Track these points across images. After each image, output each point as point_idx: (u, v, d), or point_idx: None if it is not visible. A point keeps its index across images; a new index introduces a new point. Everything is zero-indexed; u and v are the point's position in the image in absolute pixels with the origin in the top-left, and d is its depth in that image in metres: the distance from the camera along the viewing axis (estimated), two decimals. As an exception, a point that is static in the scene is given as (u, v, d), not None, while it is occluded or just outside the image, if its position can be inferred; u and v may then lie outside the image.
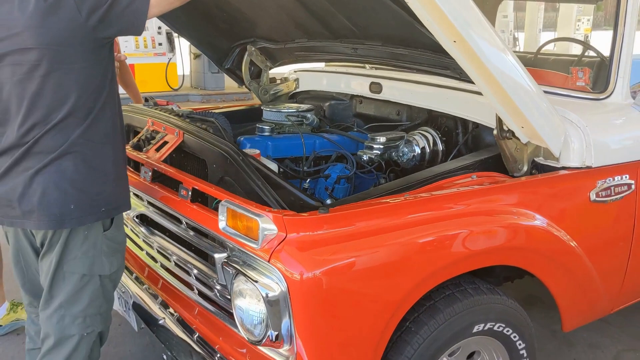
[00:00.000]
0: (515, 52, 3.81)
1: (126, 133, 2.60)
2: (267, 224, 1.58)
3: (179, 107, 2.71)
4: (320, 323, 1.64)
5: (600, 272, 2.27)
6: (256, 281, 1.62)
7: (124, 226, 2.02)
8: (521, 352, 2.07)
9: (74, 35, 1.67)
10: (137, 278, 2.35)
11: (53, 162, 1.73)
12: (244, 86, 3.38)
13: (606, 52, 2.39)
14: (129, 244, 2.49)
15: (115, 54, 2.15)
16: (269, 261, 1.58)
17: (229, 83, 11.13)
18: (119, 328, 3.10)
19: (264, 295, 1.60)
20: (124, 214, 1.97)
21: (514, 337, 2.03)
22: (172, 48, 10.92)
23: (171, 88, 11.02)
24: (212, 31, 3.18)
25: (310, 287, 1.58)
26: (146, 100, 2.93)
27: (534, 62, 2.98)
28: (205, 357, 1.84)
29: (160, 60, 10.84)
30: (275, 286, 1.59)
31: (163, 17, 2.96)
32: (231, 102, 10.35)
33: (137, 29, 1.74)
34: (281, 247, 1.58)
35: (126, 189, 1.92)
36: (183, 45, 10.14)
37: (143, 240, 2.36)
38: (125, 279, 2.32)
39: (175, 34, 9.60)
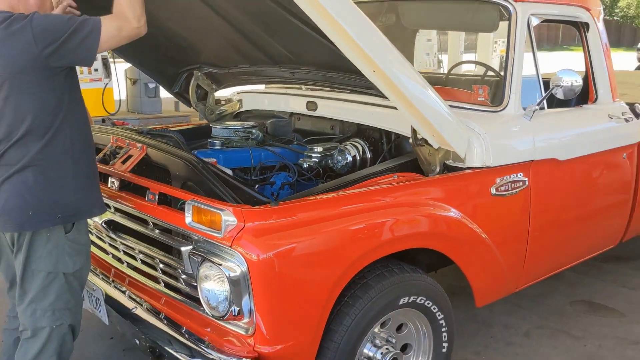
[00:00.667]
0: (430, 73, 4.31)
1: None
2: (228, 217, 1.93)
3: (134, 127, 3.02)
4: (274, 297, 1.99)
5: (504, 256, 2.73)
6: (220, 265, 1.96)
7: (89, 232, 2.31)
8: (440, 321, 2.49)
9: (29, 64, 1.93)
10: (105, 278, 2.62)
11: (16, 173, 2.01)
12: (180, 110, 3.70)
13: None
14: (96, 249, 2.77)
15: None
16: (231, 246, 1.93)
17: (166, 107, 11.35)
18: (81, 333, 3.33)
19: (228, 275, 1.94)
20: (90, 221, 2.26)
21: (434, 308, 2.44)
22: (108, 74, 11.03)
23: (108, 113, 11.09)
24: (161, 59, 3.49)
25: (265, 266, 1.93)
26: (103, 120, 3.22)
27: (445, 82, 3.47)
28: (175, 336, 2.15)
29: (96, 86, 10.91)
30: (236, 268, 1.93)
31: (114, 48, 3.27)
32: (169, 124, 10.56)
33: (88, 62, 2.03)
34: (241, 235, 1.93)
35: (89, 198, 2.15)
36: (119, 70, 10.32)
37: (109, 244, 2.64)
38: (95, 279, 2.59)
39: (111, 60, 9.76)
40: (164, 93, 11.34)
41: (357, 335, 2.21)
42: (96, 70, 10.92)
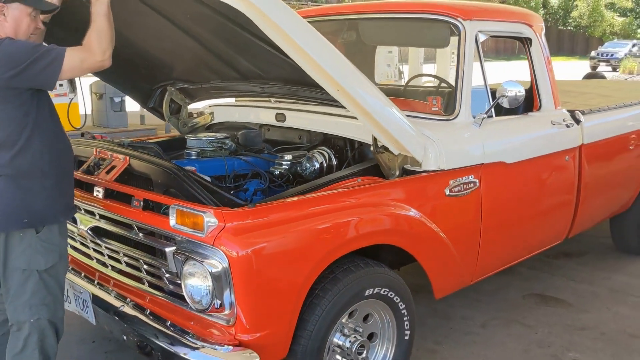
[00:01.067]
0: (390, 85, 4.60)
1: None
2: (210, 218, 2.15)
3: (116, 140, 3.20)
4: (252, 290, 2.21)
5: (459, 251, 3.00)
6: (203, 262, 2.17)
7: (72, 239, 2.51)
8: (402, 311, 2.74)
9: None
10: (90, 282, 2.79)
11: None
12: (145, 124, 3.91)
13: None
14: (79, 255, 2.94)
15: None
16: (213, 245, 2.14)
17: (132, 120, 11.43)
18: (64, 337, 3.47)
19: (210, 271, 2.15)
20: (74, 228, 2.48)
21: (396, 299, 2.69)
22: (73, 89, 11.06)
23: (73, 127, 11.11)
24: (136, 77, 3.68)
25: (244, 262, 2.15)
26: (82, 134, 3.40)
27: (404, 93, 3.74)
28: (161, 329, 2.34)
29: (61, 101, 10.89)
30: (218, 264, 2.15)
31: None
32: (136, 137, 10.65)
33: (49, 87, 2.25)
34: (222, 234, 2.15)
35: (55, 206, 2.33)
36: (84, 85, 10.39)
37: (93, 249, 2.82)
38: (81, 282, 2.76)
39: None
40: (129, 107, 11.45)
41: (327, 324, 2.45)
42: (61, 85, 10.92)
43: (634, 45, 35.10)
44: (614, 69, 31.03)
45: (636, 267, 4.65)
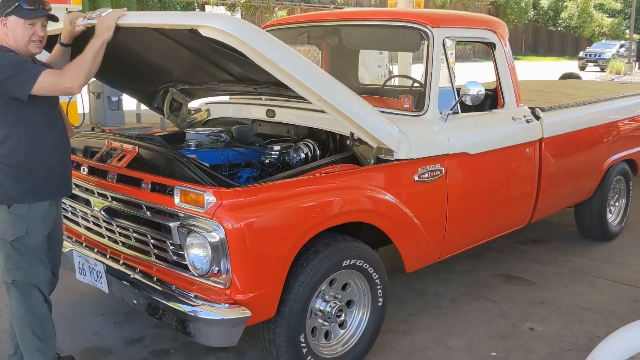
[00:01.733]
0: (372, 85, 5.00)
1: (85, 153, 3.47)
2: (209, 196, 2.55)
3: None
4: (245, 258, 2.61)
5: (427, 230, 3.41)
6: (203, 234, 2.57)
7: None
8: (376, 280, 3.15)
9: None
10: (103, 256, 3.19)
11: None
12: (141, 122, 4.30)
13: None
14: (92, 235, 3.33)
15: None
16: (212, 219, 2.54)
17: (129, 119, 11.79)
18: (75, 311, 3.88)
19: (209, 241, 2.55)
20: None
21: (370, 270, 3.10)
22: (71, 88, 11.44)
23: (72, 125, 11.48)
24: (140, 80, 4.07)
25: (238, 233, 2.56)
26: (92, 129, 3.79)
27: (382, 92, 4.16)
28: (168, 292, 2.74)
29: (61, 100, 11.18)
30: (216, 235, 2.55)
31: (99, 76, 3.86)
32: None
33: (22, 98, 2.60)
34: (219, 210, 2.55)
35: (23, 190, 2.70)
36: (82, 85, 10.67)
37: (105, 228, 3.21)
38: (95, 256, 3.16)
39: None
40: (126, 106, 11.82)
41: (309, 289, 2.85)
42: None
43: (621, 46, 35.68)
44: (602, 69, 31.58)
45: (596, 251, 5.09)
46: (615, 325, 3.26)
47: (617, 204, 5.41)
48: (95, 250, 3.27)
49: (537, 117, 4.16)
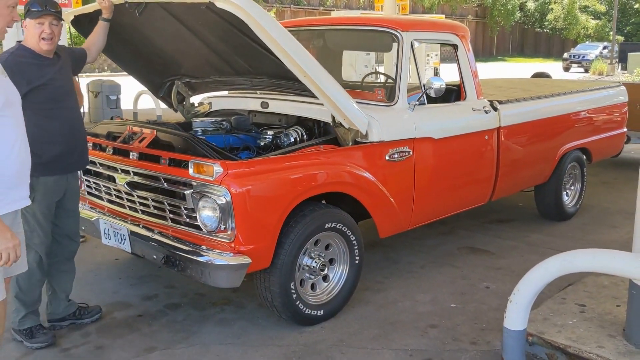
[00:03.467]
0: (353, 81, 5.65)
1: (108, 137, 4.09)
2: (217, 167, 3.18)
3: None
4: (246, 217, 3.24)
5: (397, 203, 4.06)
6: (212, 197, 3.21)
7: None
8: (353, 241, 3.79)
9: None
10: (125, 222, 3.81)
11: None
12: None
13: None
14: (115, 206, 3.96)
15: None
16: (220, 184, 3.17)
17: (126, 117, 12.40)
18: (95, 274, 4.50)
19: (218, 203, 3.19)
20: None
21: (348, 232, 3.74)
22: (72, 87, 12.03)
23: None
24: (151, 70, 4.72)
25: (241, 196, 3.19)
26: (111, 117, 4.42)
27: (361, 87, 4.81)
28: (182, 247, 3.37)
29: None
30: (223, 198, 3.18)
31: (116, 58, 4.51)
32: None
33: None
34: (225, 177, 3.18)
35: (34, 165, 2.93)
36: (82, 84, 11.32)
37: (127, 199, 3.84)
38: (118, 222, 3.79)
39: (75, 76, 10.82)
40: (124, 105, 12.45)
41: (298, 246, 3.49)
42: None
43: (604, 48, 36.61)
44: (586, 70, 32.42)
45: (553, 228, 5.76)
46: (559, 284, 3.90)
47: (572, 187, 6.08)
48: (118, 218, 3.90)
49: (495, 109, 4.82)
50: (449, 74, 5.70)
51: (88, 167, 3.86)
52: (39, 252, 3.42)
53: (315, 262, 3.65)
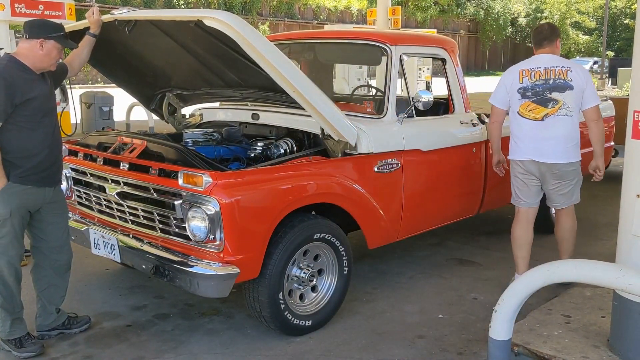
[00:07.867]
0: (344, 94, 5.71)
1: (99, 148, 4.12)
2: (206, 177, 3.21)
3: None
4: (235, 227, 3.27)
5: (386, 214, 4.10)
6: (201, 207, 3.23)
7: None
8: (342, 252, 3.82)
9: None
10: (114, 232, 3.83)
11: None
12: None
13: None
14: (105, 216, 3.98)
15: None
16: (209, 194, 3.20)
17: (118, 128, 12.42)
18: (85, 285, 4.50)
19: (207, 213, 3.21)
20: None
21: (337, 243, 3.77)
22: (65, 98, 12.01)
23: (65, 134, 12.05)
24: (142, 84, 4.76)
25: (230, 207, 3.22)
26: (103, 128, 4.45)
27: (351, 99, 4.87)
28: (171, 257, 3.39)
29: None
30: (212, 208, 3.21)
31: (108, 73, 4.55)
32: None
33: None
34: (214, 188, 3.21)
35: (15, 174, 3.24)
36: (75, 95, 11.41)
37: (117, 209, 3.86)
38: (108, 232, 3.80)
39: (67, 86, 10.90)
40: (116, 116, 12.46)
41: (286, 257, 3.51)
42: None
43: (594, 63, 37.05)
44: (576, 85, 32.69)
45: (542, 241, 5.77)
46: (545, 295, 3.95)
47: (560, 200, 6.12)
48: (108, 228, 3.91)
49: (483, 122, 4.88)
50: (441, 88, 5.76)
51: (78, 177, 3.88)
52: (14, 264, 3.41)
53: (304, 272, 3.68)
